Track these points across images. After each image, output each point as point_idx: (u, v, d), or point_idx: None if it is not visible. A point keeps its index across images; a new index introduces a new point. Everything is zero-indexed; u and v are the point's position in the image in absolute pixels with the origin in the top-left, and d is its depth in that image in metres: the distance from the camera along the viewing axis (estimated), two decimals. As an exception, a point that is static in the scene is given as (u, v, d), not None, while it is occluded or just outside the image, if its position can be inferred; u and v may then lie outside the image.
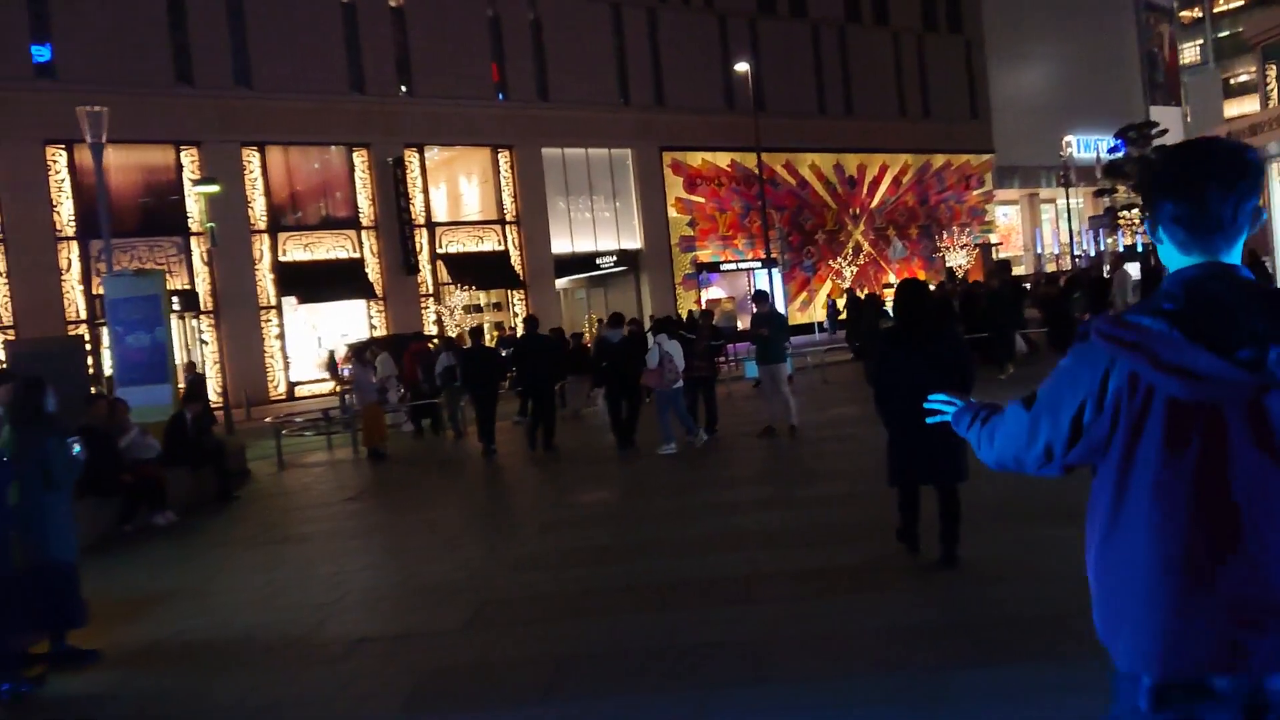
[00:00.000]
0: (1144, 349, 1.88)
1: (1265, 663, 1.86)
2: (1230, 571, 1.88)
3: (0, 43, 25.44)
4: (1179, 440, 1.91)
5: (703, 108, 37.03)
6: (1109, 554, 2.01)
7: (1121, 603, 1.99)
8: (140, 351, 14.08)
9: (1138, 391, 1.94)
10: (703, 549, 7.55)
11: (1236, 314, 1.86)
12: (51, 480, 6.12)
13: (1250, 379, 1.83)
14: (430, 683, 5.32)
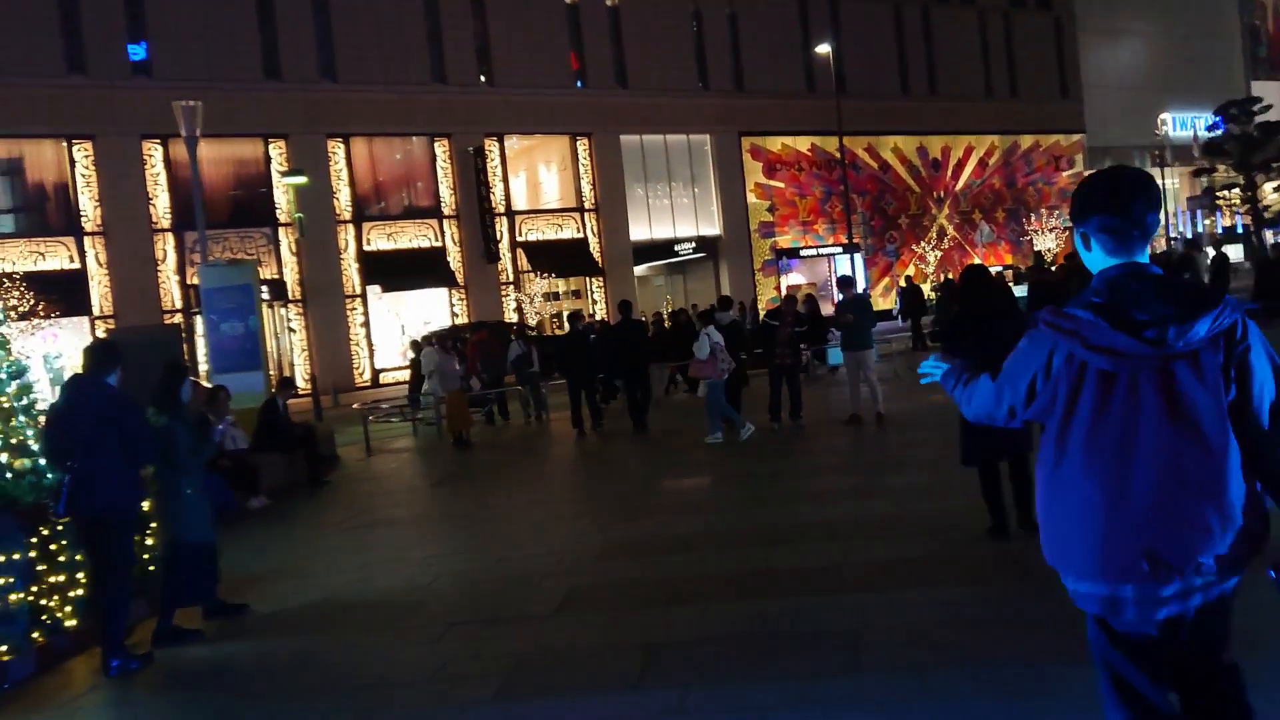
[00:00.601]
0: (1077, 334, 2.48)
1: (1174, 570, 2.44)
2: (1144, 500, 2.44)
3: (99, 43, 26.34)
4: (1105, 402, 2.49)
5: (782, 91, 36.58)
6: (1053, 491, 2.59)
7: (1064, 529, 2.57)
8: (233, 340, 14.45)
9: (1073, 366, 2.53)
10: (793, 537, 7.43)
11: (1145, 303, 2.45)
12: (176, 463, 6.45)
13: (1155, 352, 2.43)
14: (522, 667, 5.32)
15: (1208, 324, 2.41)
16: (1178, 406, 2.45)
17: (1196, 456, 2.44)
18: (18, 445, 6.52)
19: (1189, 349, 2.43)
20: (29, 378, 6.95)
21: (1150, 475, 2.45)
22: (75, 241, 26.54)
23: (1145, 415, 2.46)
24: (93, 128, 26.24)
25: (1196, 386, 2.44)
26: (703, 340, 12.78)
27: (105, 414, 5.97)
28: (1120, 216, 2.52)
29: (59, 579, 6.35)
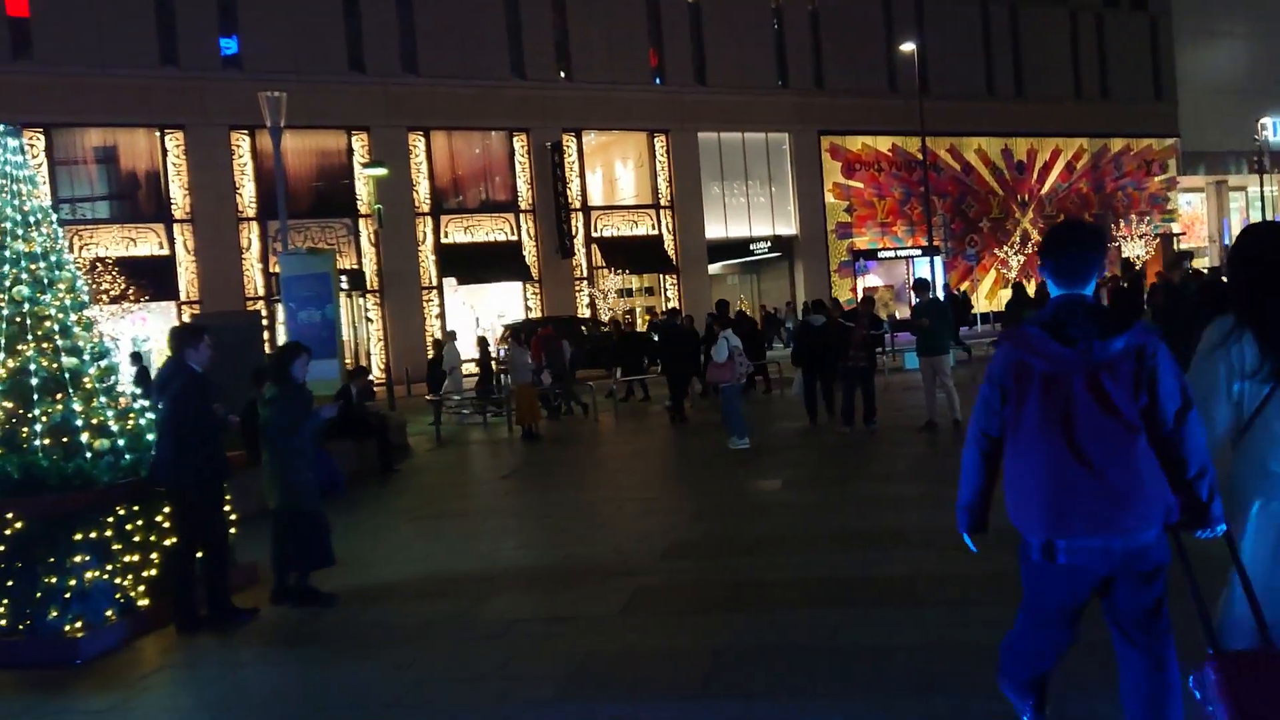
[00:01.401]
0: (1026, 344, 3.28)
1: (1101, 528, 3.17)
2: (1079, 473, 3.16)
3: (192, 36, 27.05)
4: (1048, 397, 3.21)
5: (864, 90, 36.01)
6: (1013, 467, 3.33)
7: (1021, 496, 3.29)
8: (311, 327, 14.63)
9: (1025, 369, 3.27)
10: (864, 545, 7.22)
11: (1077, 323, 3.22)
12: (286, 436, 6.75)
13: (1083, 360, 3.18)
14: (584, 668, 5.23)
15: (1122, 342, 3.19)
16: (1102, 402, 3.18)
17: (1116, 441, 3.18)
18: (98, 426, 6.65)
19: (1109, 359, 3.20)
20: (113, 359, 7.09)
21: (1081, 454, 3.18)
22: (165, 228, 27.29)
23: (1078, 408, 3.20)
24: (184, 118, 26.94)
25: (1115, 388, 3.18)
26: (721, 344, 12.69)
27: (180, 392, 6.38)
28: (1054, 261, 3.36)
29: (133, 559, 6.45)
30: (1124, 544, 3.20)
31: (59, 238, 6.93)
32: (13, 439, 6.34)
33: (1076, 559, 3.24)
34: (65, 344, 6.67)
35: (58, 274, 6.80)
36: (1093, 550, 3.22)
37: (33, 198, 6.83)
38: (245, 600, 6.90)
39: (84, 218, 26.45)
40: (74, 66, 25.23)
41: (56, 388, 6.53)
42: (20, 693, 5.55)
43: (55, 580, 6.03)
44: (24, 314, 6.56)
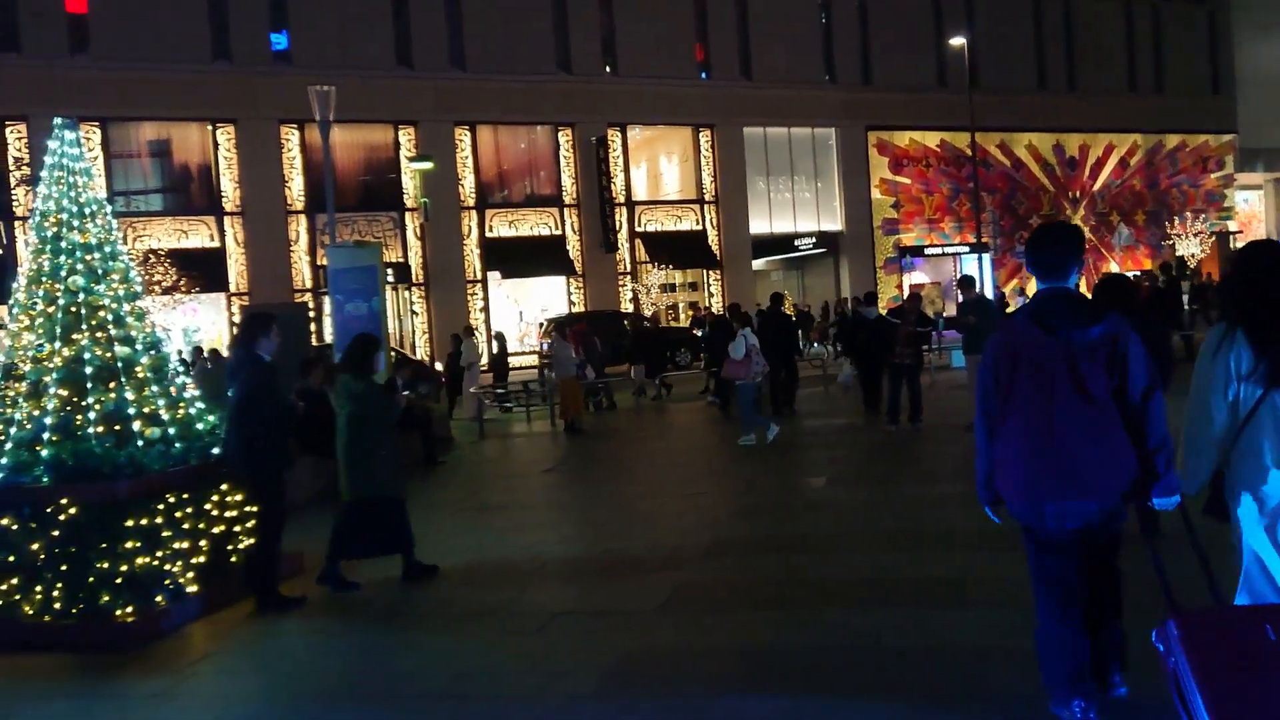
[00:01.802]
0: (1014, 332, 3.81)
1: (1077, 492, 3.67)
2: (1057, 449, 3.64)
3: (244, 31, 27.42)
4: (1032, 379, 3.70)
5: (912, 85, 35.57)
6: (1001, 446, 3.83)
7: (1005, 469, 3.81)
8: (357, 320, 14.73)
9: (1014, 355, 3.77)
10: (909, 545, 7.13)
11: (1058, 314, 3.70)
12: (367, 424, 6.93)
13: (1062, 346, 3.66)
14: (625, 663, 5.21)
15: (1098, 331, 3.69)
16: (1079, 384, 3.66)
17: (1092, 418, 3.67)
18: (149, 414, 6.75)
19: (1086, 345, 3.68)
20: (164, 349, 7.20)
21: (1061, 430, 3.67)
22: (216, 221, 27.71)
23: (1058, 390, 3.68)
24: (235, 112, 27.32)
25: (1091, 371, 3.67)
26: (739, 342, 12.70)
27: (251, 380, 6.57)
28: (1033, 259, 3.86)
29: (182, 545, 6.54)
30: (1099, 505, 3.75)
31: (113, 229, 7.04)
32: (67, 426, 6.46)
33: (1062, 521, 3.77)
34: (118, 333, 6.78)
35: (112, 264, 6.91)
36: (1072, 513, 3.74)
37: (88, 189, 6.94)
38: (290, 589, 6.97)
39: (138, 210, 26.93)
40: (129, 62, 25.68)
41: (110, 376, 6.64)
42: (73, 676, 5.65)
43: (107, 566, 6.13)
44: (79, 304, 6.68)
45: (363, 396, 6.99)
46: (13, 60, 23.24)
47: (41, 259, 6.75)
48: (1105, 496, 3.71)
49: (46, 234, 6.77)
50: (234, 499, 7.08)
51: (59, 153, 6.88)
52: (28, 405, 6.55)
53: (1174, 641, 3.21)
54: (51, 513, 6.17)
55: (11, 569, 6.22)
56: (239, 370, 6.69)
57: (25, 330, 6.69)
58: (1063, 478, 3.69)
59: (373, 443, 6.95)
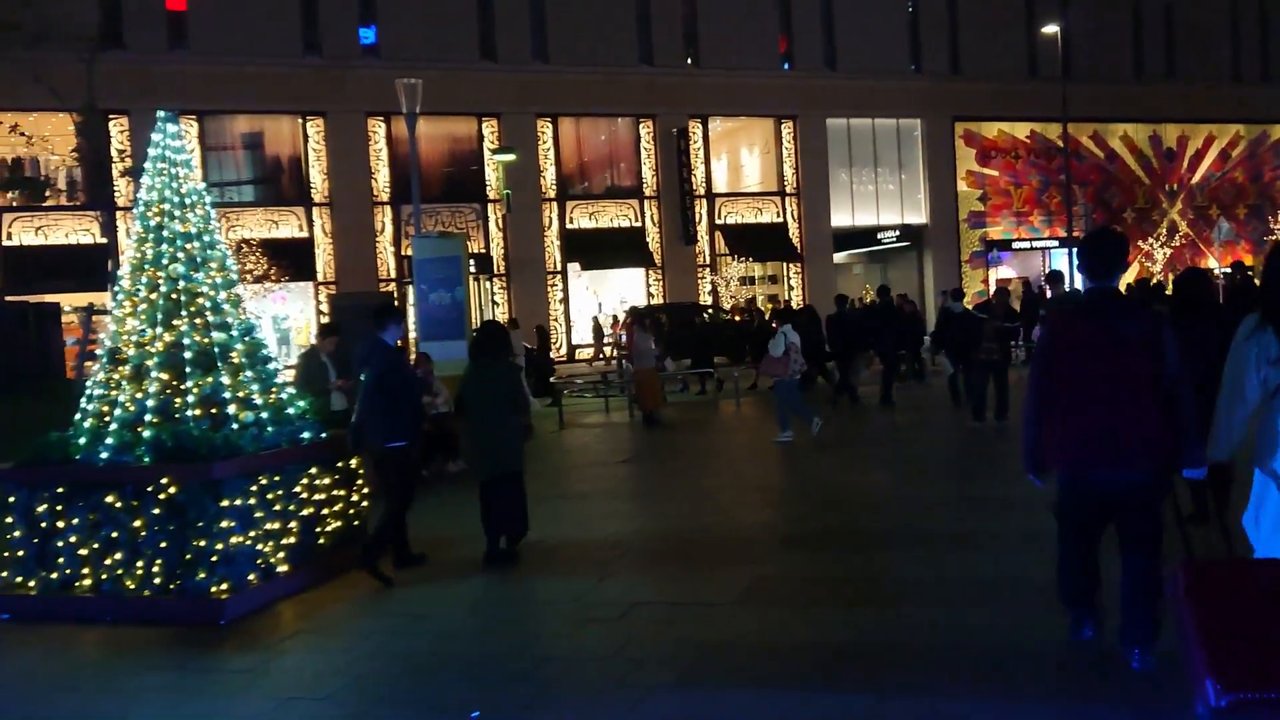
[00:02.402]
0: (1066, 323, 4.53)
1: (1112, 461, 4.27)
2: (1100, 425, 4.25)
3: (335, 26, 28.03)
4: (1080, 365, 4.33)
5: (1002, 75, 34.69)
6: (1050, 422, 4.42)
7: (1055, 438, 4.40)
8: (440, 309, 15.01)
9: (1065, 343, 4.43)
10: (993, 544, 6.98)
11: (1107, 308, 4.34)
12: (512, 406, 7.43)
13: (1107, 335, 4.28)
14: (705, 654, 5.21)
15: (1137, 325, 4.33)
16: (1122, 367, 4.28)
17: (1130, 400, 4.27)
18: (244, 398, 6.96)
19: (1127, 337, 4.30)
20: (258, 335, 7.42)
21: (1103, 409, 4.29)
22: (304, 211, 28.40)
23: (1102, 374, 4.30)
24: (324, 105, 27.95)
25: (1133, 356, 4.28)
26: (778, 339, 12.68)
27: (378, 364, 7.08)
28: (1085, 261, 4.49)
29: (273, 526, 6.74)
30: (1128, 476, 4.33)
31: (211, 219, 7.26)
32: (167, 409, 6.70)
33: (1092, 485, 4.40)
34: (215, 320, 7.00)
35: (210, 253, 7.14)
36: (1104, 479, 4.36)
37: (188, 180, 7.18)
38: (370, 576, 7.14)
39: (231, 201, 27.74)
40: (224, 56, 26.45)
41: (207, 361, 6.87)
42: (170, 649, 5.87)
43: (203, 543, 6.35)
44: (179, 291, 6.92)
45: (502, 379, 7.44)
46: (116, 56, 24.06)
47: (145, 247, 7.00)
48: (1139, 467, 4.32)
49: (150, 223, 7.02)
50: (322, 482, 7.28)
51: (161, 145, 7.13)
52: (130, 388, 6.81)
53: (1180, 587, 3.53)
54: (152, 491, 6.41)
55: (115, 545, 6.49)
56: (371, 354, 7.17)
57: (129, 316, 6.96)
58: (1104, 450, 4.31)
59: (513, 423, 7.48)
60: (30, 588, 6.66)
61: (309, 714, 4.78)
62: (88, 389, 7.01)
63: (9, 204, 26.16)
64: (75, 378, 15.69)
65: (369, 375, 7.07)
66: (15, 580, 6.72)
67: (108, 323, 7.54)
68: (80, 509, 6.58)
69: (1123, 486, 4.34)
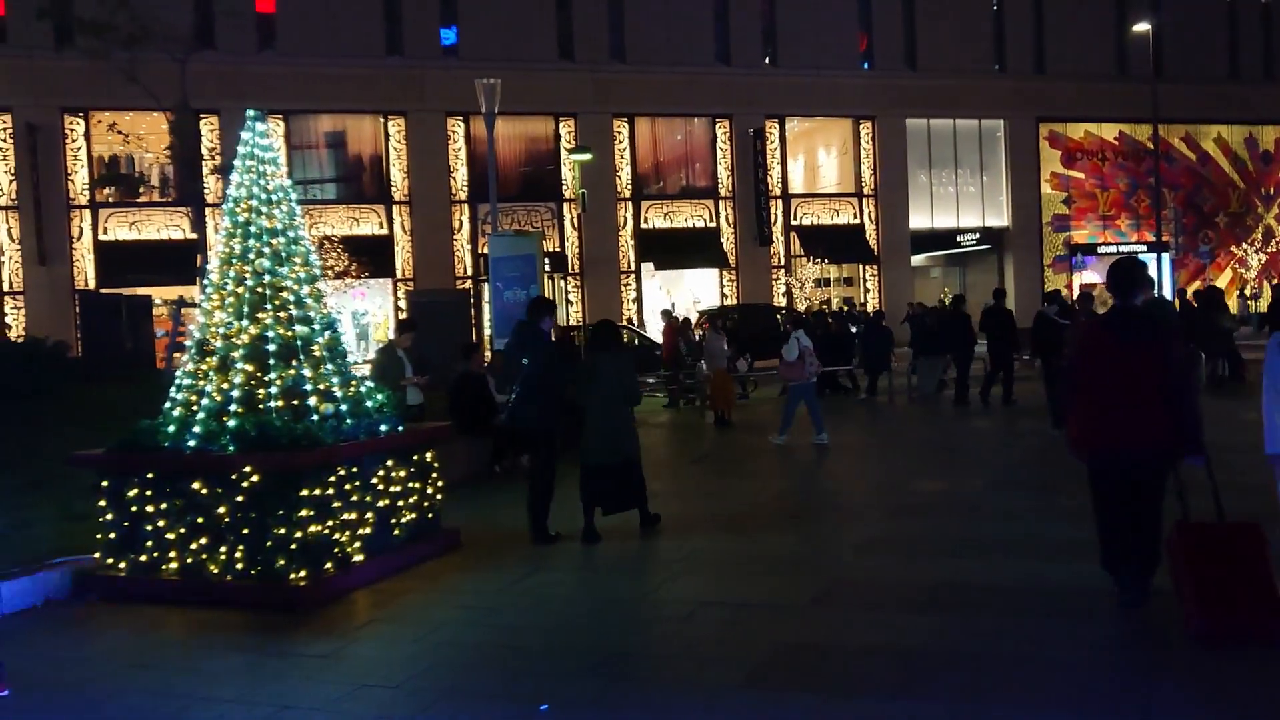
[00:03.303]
0: (1092, 334, 5.66)
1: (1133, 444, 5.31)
2: (1120, 412, 5.28)
3: (416, 27, 28.53)
4: (1103, 364, 5.36)
5: (1089, 74, 33.83)
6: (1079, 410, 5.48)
7: (1085, 424, 5.44)
8: (516, 307, 15.15)
9: (1091, 349, 5.50)
10: (1071, 554, 6.79)
11: (1122, 323, 5.44)
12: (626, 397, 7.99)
13: (1125, 343, 5.35)
14: (774, 657, 5.17)
15: (1150, 334, 5.35)
16: (1140, 367, 5.27)
17: (1145, 390, 5.25)
18: (324, 391, 7.12)
19: (1140, 345, 5.30)
20: (338, 330, 7.58)
21: (1118, 402, 5.30)
22: (385, 209, 28.96)
23: (1123, 370, 5.29)
24: (405, 105, 28.47)
25: (1142, 363, 5.27)
26: (791, 343, 12.87)
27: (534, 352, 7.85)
28: (1110, 285, 5.60)
29: (350, 516, 6.88)
30: (1140, 455, 5.35)
31: (296, 215, 7.44)
32: (251, 399, 6.88)
33: (1117, 463, 5.40)
34: (298, 314, 7.17)
35: (294, 249, 7.31)
36: (1124, 457, 5.37)
37: (275, 178, 7.36)
38: (446, 566, 7.24)
39: (314, 198, 28.41)
40: (310, 57, 27.12)
41: (290, 354, 7.03)
42: (250, 633, 6.03)
43: (283, 532, 6.51)
44: (264, 285, 7.09)
45: (623, 372, 8.01)
46: (208, 57, 24.82)
47: (233, 242, 7.20)
48: (1144, 449, 5.32)
49: (238, 219, 7.22)
50: (398, 475, 7.40)
51: (250, 143, 7.32)
52: (217, 379, 7.01)
53: (1174, 542, 5.13)
54: (235, 479, 6.59)
55: (200, 530, 6.69)
56: (526, 344, 7.97)
57: (217, 309, 7.16)
58: (1118, 434, 5.35)
59: (629, 413, 8.05)
60: (120, 569, 6.89)
61: (382, 701, 4.87)
62: (176, 379, 7.23)
63: (104, 200, 27.17)
64: (164, 368, 16.21)
65: (531, 362, 7.85)
66: (106, 561, 6.96)
67: (196, 315, 7.77)
68: (168, 495, 6.79)
69: (1135, 463, 5.35)
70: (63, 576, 6.86)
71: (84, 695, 5.11)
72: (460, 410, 11.40)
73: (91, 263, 26.76)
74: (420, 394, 10.61)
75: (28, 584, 6.63)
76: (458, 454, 10.56)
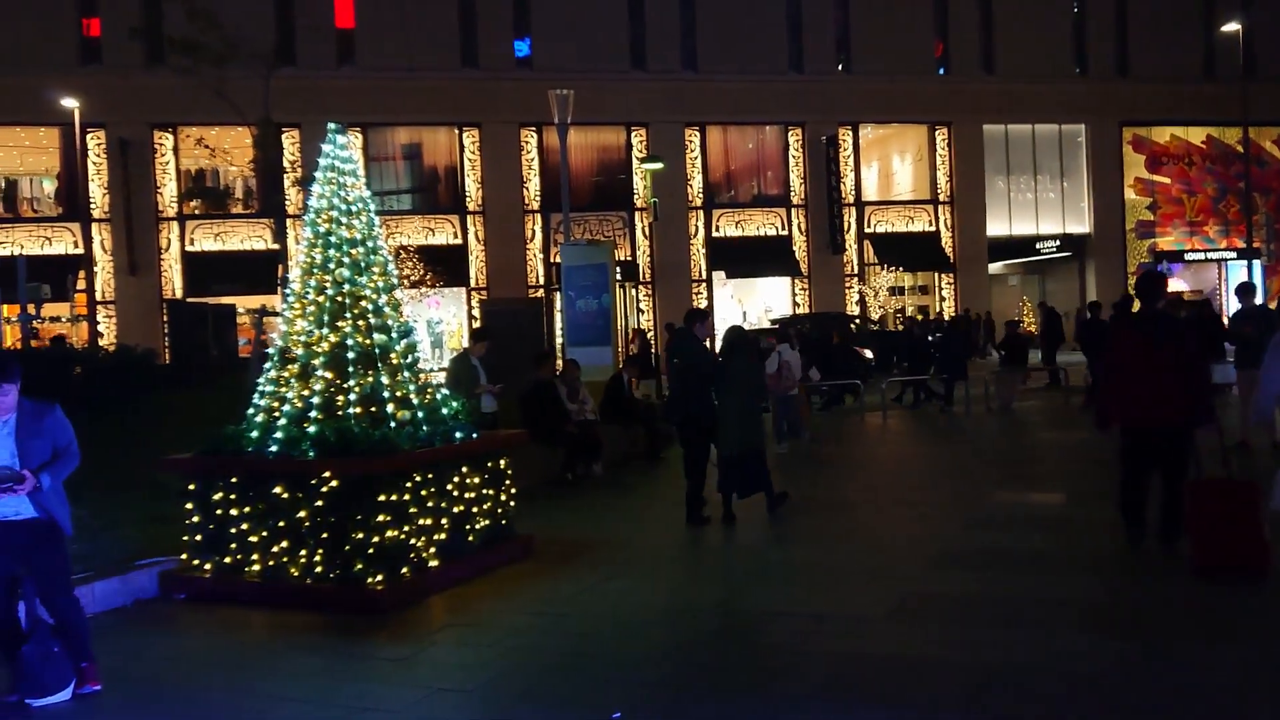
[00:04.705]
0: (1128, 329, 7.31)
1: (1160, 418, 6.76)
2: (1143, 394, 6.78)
3: (491, 40, 28.95)
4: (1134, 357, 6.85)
5: (1175, 76, 32.82)
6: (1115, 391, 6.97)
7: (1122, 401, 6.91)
8: (588, 315, 15.26)
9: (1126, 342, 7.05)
10: (1156, 571, 6.59)
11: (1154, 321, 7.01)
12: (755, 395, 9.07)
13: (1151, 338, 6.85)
14: (846, 669, 5.11)
15: (1169, 330, 6.84)
16: (1157, 359, 6.67)
17: (1163, 380, 6.64)
18: (401, 398, 7.24)
19: (1161, 338, 6.75)
20: (415, 338, 7.71)
21: (1147, 384, 6.68)
22: (459, 219, 29.41)
23: (1152, 360, 6.67)
24: (480, 116, 28.89)
25: (1163, 352, 6.68)
26: (773, 358, 13.82)
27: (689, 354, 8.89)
28: (1138, 293, 7.31)
29: (426, 522, 6.98)
30: (1163, 428, 6.71)
31: (375, 225, 7.59)
32: (330, 406, 7.04)
33: (1139, 432, 6.84)
34: (377, 322, 7.31)
35: (373, 258, 7.46)
36: (1152, 429, 6.75)
37: (354, 189, 7.52)
38: (519, 573, 7.31)
39: (390, 209, 28.97)
40: (387, 71, 27.70)
41: (368, 362, 7.18)
42: (328, 636, 6.15)
43: (361, 536, 6.64)
44: (344, 294, 7.25)
45: (755, 371, 9.19)
46: (290, 73, 25.49)
47: (314, 252, 7.37)
48: (1168, 422, 6.69)
49: (319, 229, 7.39)
50: (472, 481, 7.50)
51: (330, 155, 7.49)
52: (298, 385, 7.18)
53: (1187, 497, 6.48)
54: (315, 484, 6.74)
55: (281, 533, 6.85)
56: (683, 345, 9.07)
57: (298, 317, 7.34)
58: (1145, 410, 6.74)
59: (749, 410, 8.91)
60: (205, 570, 7.10)
61: (456, 705, 4.93)
62: (259, 385, 7.42)
63: (191, 212, 28.06)
64: (246, 374, 16.64)
65: (688, 363, 8.91)
66: (192, 563, 7.17)
67: (279, 324, 7.97)
68: (250, 498, 6.97)
69: (1154, 433, 6.75)
70: (151, 577, 7.09)
71: (172, 693, 5.27)
72: (533, 418, 11.50)
73: (178, 273, 27.65)
74: (494, 402, 10.72)
75: (118, 584, 6.87)
76: (530, 461, 10.65)
